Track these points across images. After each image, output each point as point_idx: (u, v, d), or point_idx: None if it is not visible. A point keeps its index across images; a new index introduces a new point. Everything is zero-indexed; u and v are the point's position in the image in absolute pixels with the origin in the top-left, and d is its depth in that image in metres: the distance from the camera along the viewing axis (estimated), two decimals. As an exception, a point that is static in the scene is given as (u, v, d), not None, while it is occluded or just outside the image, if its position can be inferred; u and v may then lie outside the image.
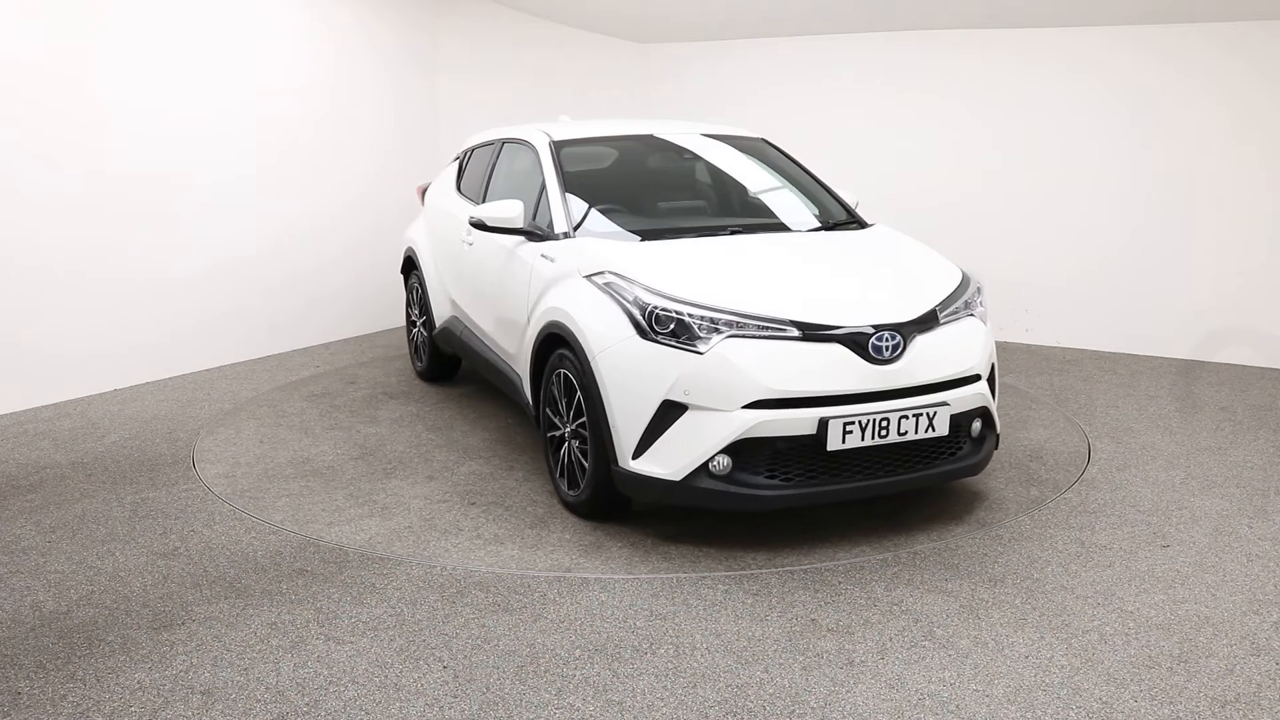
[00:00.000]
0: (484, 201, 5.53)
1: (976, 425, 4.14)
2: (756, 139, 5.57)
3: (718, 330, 3.77)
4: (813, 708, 2.85)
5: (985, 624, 3.33)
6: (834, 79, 8.60)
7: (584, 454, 4.12)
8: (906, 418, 3.83)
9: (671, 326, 3.82)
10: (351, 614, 3.41)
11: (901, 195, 8.35)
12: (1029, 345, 7.85)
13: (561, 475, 4.35)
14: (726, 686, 2.96)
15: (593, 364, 3.97)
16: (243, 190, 7.06)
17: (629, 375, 3.85)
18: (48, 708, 2.86)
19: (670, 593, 3.57)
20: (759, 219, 5.05)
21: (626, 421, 3.85)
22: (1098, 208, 7.61)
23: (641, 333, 3.85)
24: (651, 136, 5.53)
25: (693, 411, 3.73)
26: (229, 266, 7.00)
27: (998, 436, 4.32)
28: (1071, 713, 2.82)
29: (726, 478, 3.74)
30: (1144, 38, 7.27)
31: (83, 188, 6.04)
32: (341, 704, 2.87)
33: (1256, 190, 7.04)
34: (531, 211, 4.97)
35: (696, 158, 5.46)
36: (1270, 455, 5.11)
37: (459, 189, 6.18)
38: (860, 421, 3.74)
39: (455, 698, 2.91)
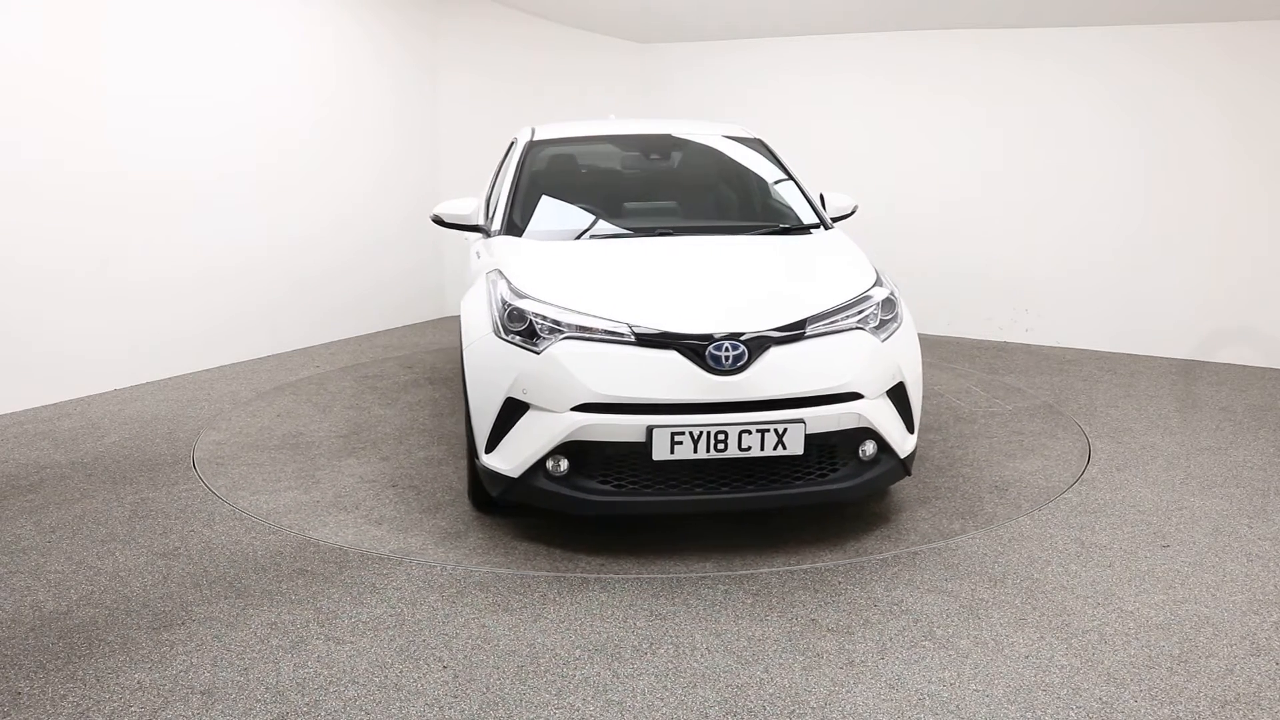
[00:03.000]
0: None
1: (869, 448, 3.85)
2: (751, 139, 5.50)
3: (559, 331, 3.76)
4: (813, 708, 2.85)
5: (985, 624, 3.33)
6: (834, 79, 8.60)
7: None
8: (749, 433, 3.62)
9: (524, 326, 3.84)
10: (351, 614, 3.41)
11: (901, 195, 8.36)
12: (1029, 345, 7.85)
13: (469, 466, 4.43)
14: (726, 686, 2.96)
15: (463, 358, 4.09)
16: (242, 190, 7.06)
17: (483, 371, 3.91)
18: (48, 708, 2.86)
19: (670, 593, 3.57)
20: (704, 221, 4.99)
21: (481, 416, 3.91)
22: (1098, 208, 7.62)
23: (497, 330, 3.90)
24: (638, 136, 5.52)
25: (532, 411, 3.74)
26: (229, 266, 7.00)
27: (903, 463, 4.00)
28: (1071, 713, 2.82)
29: (562, 479, 3.74)
30: (1144, 38, 7.28)
31: (83, 187, 6.04)
32: (341, 704, 2.87)
33: (1255, 190, 7.04)
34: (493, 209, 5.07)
35: (671, 158, 5.46)
36: (1270, 455, 5.11)
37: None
38: (692, 433, 3.60)
39: (455, 698, 2.91)
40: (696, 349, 3.65)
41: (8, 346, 5.76)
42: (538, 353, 3.74)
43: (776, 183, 5.20)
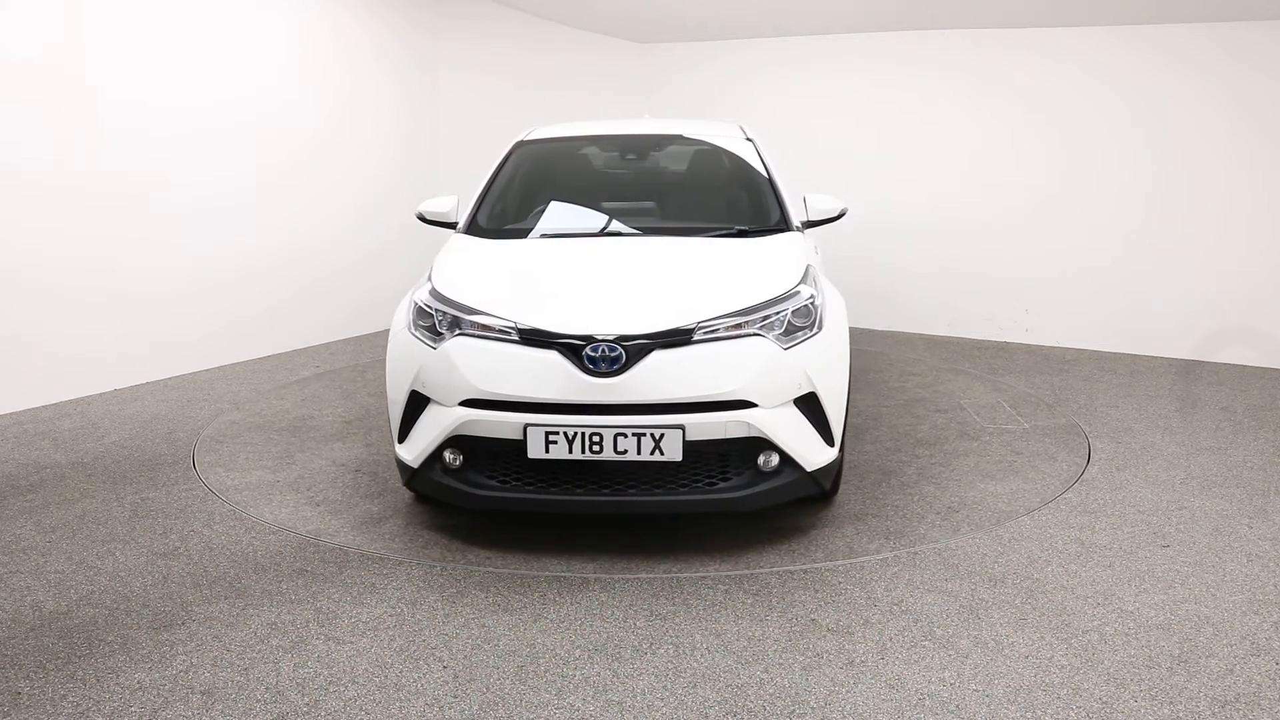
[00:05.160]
0: None
1: (771, 459, 3.72)
2: (742, 140, 5.38)
3: (457, 327, 3.84)
4: (813, 708, 2.85)
5: (985, 624, 3.33)
6: (834, 79, 8.60)
7: None
8: (625, 436, 3.58)
9: (430, 322, 3.94)
10: (351, 614, 3.41)
11: (901, 195, 8.36)
12: (1029, 345, 7.85)
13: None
14: (726, 686, 2.96)
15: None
16: (243, 190, 7.07)
17: (395, 362, 4.04)
18: (48, 708, 2.86)
19: (670, 593, 3.56)
20: (661, 223, 4.89)
21: (393, 407, 4.03)
22: (1098, 207, 7.62)
23: (409, 325, 4.02)
24: (619, 137, 5.54)
25: (432, 404, 3.84)
26: (229, 266, 7.00)
27: (813, 476, 3.82)
28: (1071, 713, 2.82)
29: (456, 473, 3.83)
30: (1145, 38, 7.28)
31: (83, 187, 6.04)
32: (341, 704, 2.87)
33: (1256, 190, 7.05)
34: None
35: (648, 160, 5.47)
36: (1270, 455, 5.11)
37: None
38: (566, 433, 3.60)
39: (455, 698, 2.91)
40: (575, 349, 3.64)
41: (8, 346, 5.76)
42: (434, 348, 3.84)
43: (753, 185, 5.07)
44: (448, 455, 3.82)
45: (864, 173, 8.42)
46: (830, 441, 3.91)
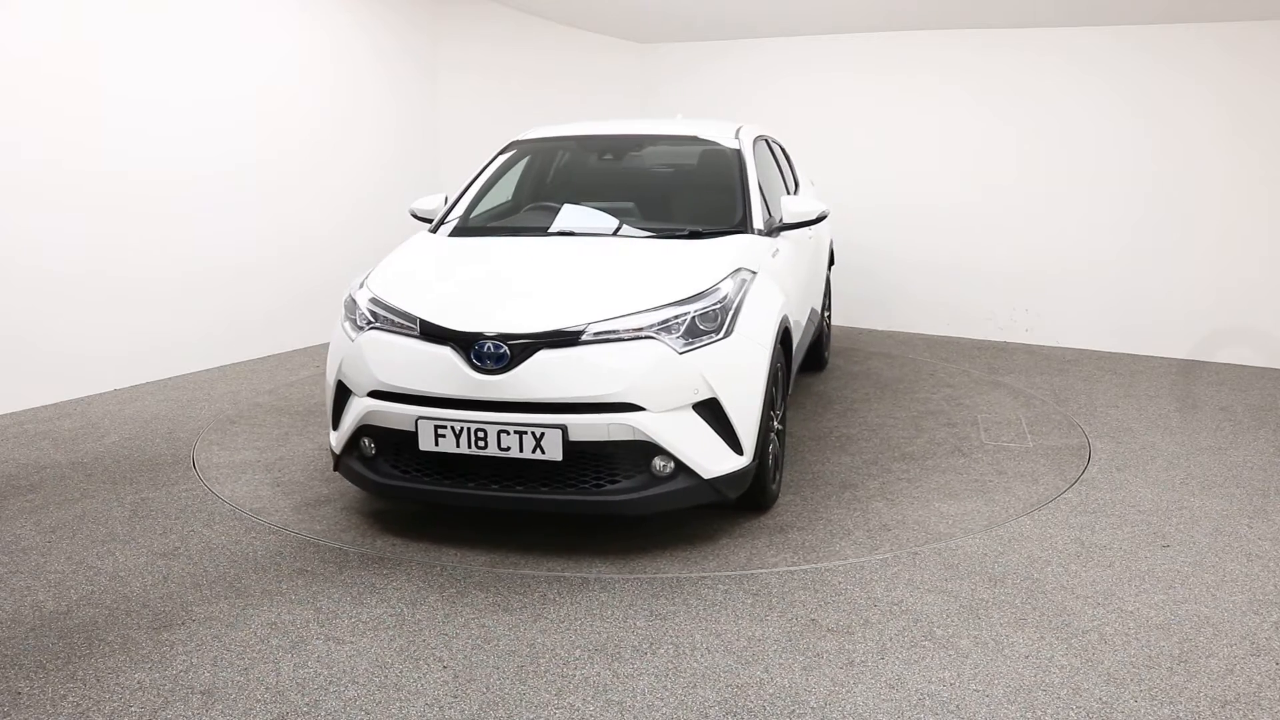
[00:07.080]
0: None
1: (665, 465, 3.67)
2: (729, 139, 5.25)
3: (373, 320, 3.98)
4: (813, 708, 2.85)
5: (985, 624, 3.33)
6: (835, 79, 8.60)
7: None
8: (507, 433, 3.64)
9: (355, 315, 4.08)
10: (351, 614, 3.41)
11: (901, 194, 8.36)
12: (1029, 345, 7.85)
13: None
14: (726, 686, 2.96)
15: None
16: (242, 190, 7.06)
17: (331, 356, 4.18)
18: (48, 708, 2.86)
19: (670, 593, 3.57)
20: (618, 223, 4.77)
21: (328, 395, 4.17)
22: (1098, 207, 7.62)
23: (341, 319, 4.18)
24: (604, 138, 5.54)
25: (353, 395, 3.97)
26: (229, 266, 7.00)
27: (712, 484, 3.74)
28: (1071, 713, 2.82)
29: (367, 461, 3.97)
30: (1145, 37, 7.28)
31: (83, 187, 6.04)
32: (341, 704, 2.87)
33: (1256, 190, 7.05)
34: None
35: (625, 160, 5.49)
36: (1270, 455, 5.11)
37: None
38: (454, 427, 3.69)
39: (455, 698, 2.91)
40: (466, 346, 3.72)
41: (8, 346, 5.76)
42: (353, 340, 3.99)
43: (723, 186, 4.94)
44: (365, 443, 3.95)
45: (864, 173, 8.42)
46: (739, 450, 3.82)
